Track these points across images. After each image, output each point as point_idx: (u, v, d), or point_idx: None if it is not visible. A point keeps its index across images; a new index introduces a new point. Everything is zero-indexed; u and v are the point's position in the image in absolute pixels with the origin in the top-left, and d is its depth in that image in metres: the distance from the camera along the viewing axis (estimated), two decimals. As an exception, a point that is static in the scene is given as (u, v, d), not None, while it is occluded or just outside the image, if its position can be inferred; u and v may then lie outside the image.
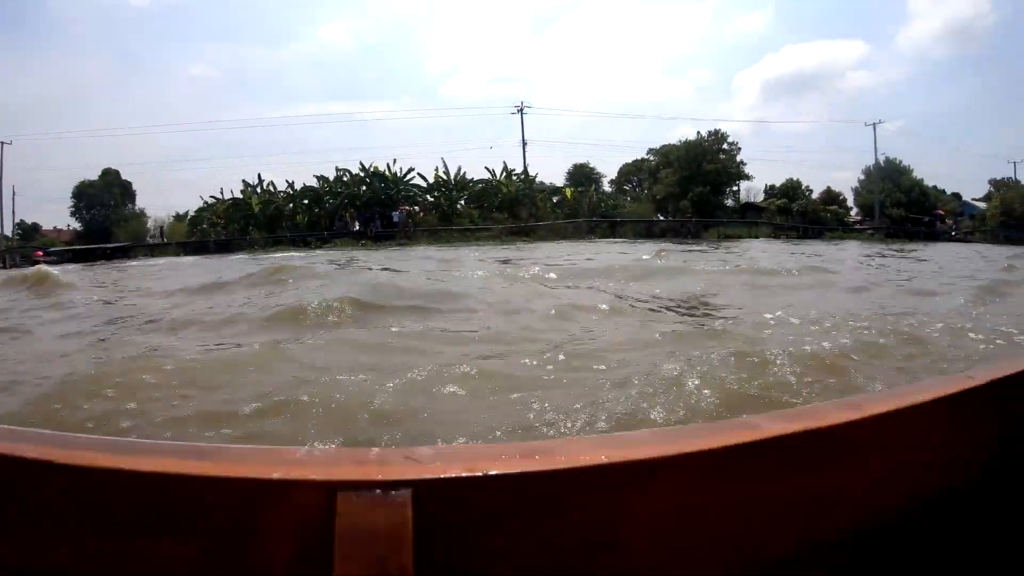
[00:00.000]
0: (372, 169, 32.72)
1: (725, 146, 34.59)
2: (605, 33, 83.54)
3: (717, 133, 34.87)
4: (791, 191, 35.25)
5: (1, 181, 34.18)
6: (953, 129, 69.70)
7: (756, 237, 28.80)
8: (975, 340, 3.96)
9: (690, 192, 32.96)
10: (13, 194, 37.88)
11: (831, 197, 36.28)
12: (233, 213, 32.11)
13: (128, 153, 79.99)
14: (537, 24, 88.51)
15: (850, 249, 19.48)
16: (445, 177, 33.06)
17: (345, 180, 32.84)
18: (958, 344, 3.86)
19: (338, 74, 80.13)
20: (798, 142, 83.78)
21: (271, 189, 32.88)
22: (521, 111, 37.66)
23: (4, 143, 34.17)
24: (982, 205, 38.41)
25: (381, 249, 22.28)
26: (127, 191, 41.70)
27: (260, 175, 33.35)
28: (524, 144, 37.11)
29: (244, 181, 33.10)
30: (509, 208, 31.82)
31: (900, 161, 36.84)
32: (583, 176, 42.83)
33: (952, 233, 32.70)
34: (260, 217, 31.50)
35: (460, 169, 33.42)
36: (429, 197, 32.94)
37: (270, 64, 74.61)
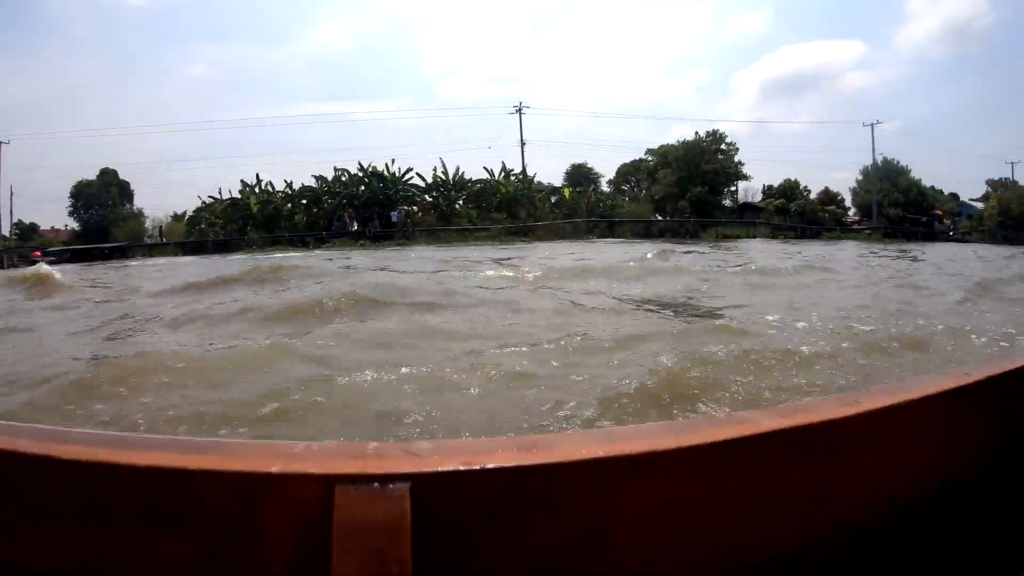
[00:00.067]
0: (371, 169, 32.67)
1: (723, 146, 34.58)
2: (603, 33, 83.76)
3: (715, 133, 34.91)
4: (789, 191, 35.25)
5: (-1, 181, 34.28)
6: (951, 129, 69.93)
7: (754, 237, 28.84)
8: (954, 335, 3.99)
9: (688, 192, 32.98)
10: (11, 194, 37.86)
11: (829, 197, 36.31)
12: (231, 213, 32.04)
13: (126, 153, 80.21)
14: (535, 24, 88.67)
15: (848, 249, 19.51)
16: (444, 177, 33.06)
17: (343, 180, 32.79)
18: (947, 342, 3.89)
19: (336, 74, 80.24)
20: (796, 142, 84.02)
21: (269, 189, 32.81)
22: (520, 111, 37.73)
23: (2, 143, 34.16)
24: (980, 205, 38.45)
25: (380, 249, 22.28)
26: (125, 191, 41.62)
27: (258, 175, 33.35)
28: (522, 144, 37.17)
29: (242, 181, 33.05)
30: (508, 208, 31.83)
31: (898, 161, 36.92)
32: (581, 176, 42.87)
33: (950, 233, 32.76)
34: (258, 217, 31.43)
35: (459, 169, 33.50)
36: (428, 197, 32.91)
37: (268, 64, 74.70)
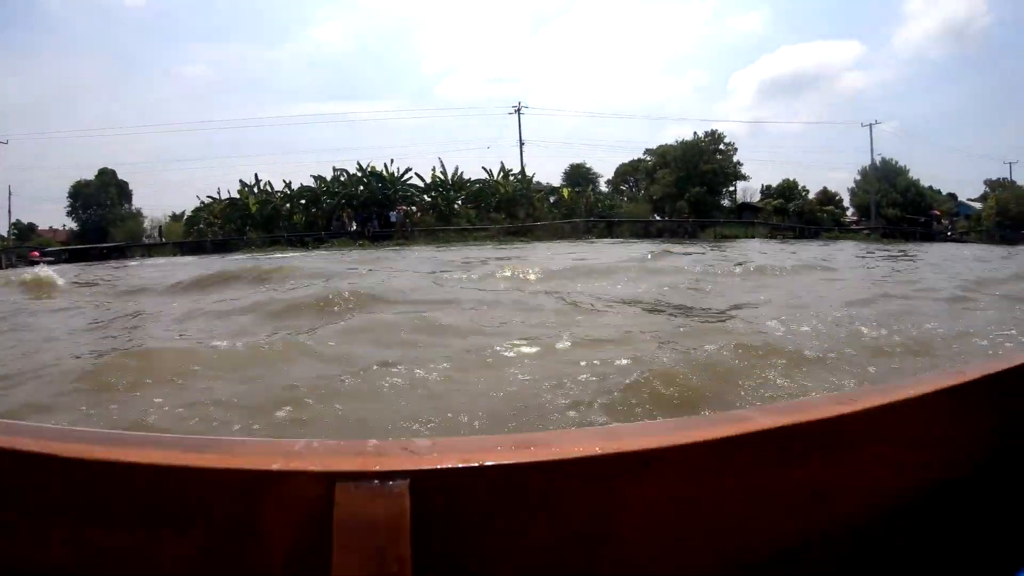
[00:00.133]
0: (369, 169, 32.65)
1: (722, 146, 34.60)
2: (602, 33, 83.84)
3: (714, 133, 34.92)
4: (787, 191, 35.27)
5: (-3, 181, 34.24)
6: (949, 130, 70.20)
7: (752, 237, 28.84)
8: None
9: (687, 192, 32.97)
10: (9, 194, 37.84)
11: (827, 197, 36.34)
12: (230, 213, 31.99)
13: (124, 153, 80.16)
14: (534, 24, 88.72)
15: (847, 249, 19.53)
16: (442, 177, 33.04)
17: (342, 180, 32.75)
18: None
19: (335, 74, 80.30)
20: (795, 142, 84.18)
21: (268, 189, 32.75)
22: (518, 111, 37.72)
23: (0, 142, 34.15)
24: (978, 205, 38.47)
25: (379, 249, 22.25)
26: (123, 191, 41.54)
27: (257, 175, 33.31)
28: (521, 144, 37.17)
29: (241, 181, 32.98)
30: (506, 208, 31.82)
31: (896, 162, 36.95)
32: (579, 176, 42.86)
33: (948, 233, 32.80)
34: (257, 217, 31.37)
35: (457, 169, 33.48)
36: (426, 197, 32.88)
37: (266, 64, 74.73)
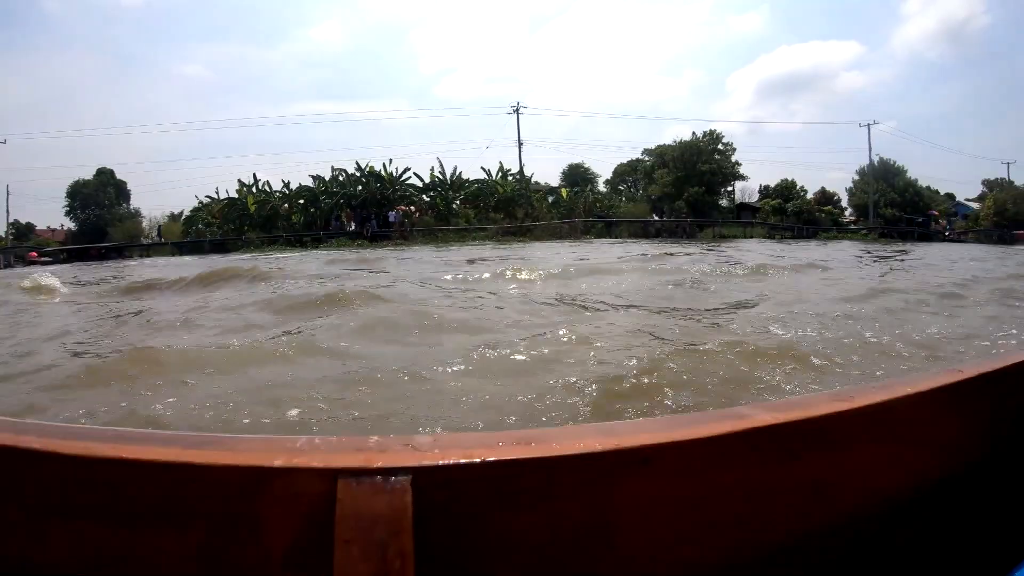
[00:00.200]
0: (368, 169, 32.65)
1: (720, 146, 34.61)
2: (601, 33, 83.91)
3: (712, 133, 34.93)
4: (786, 191, 35.32)
5: (-5, 180, 34.15)
6: (947, 130, 70.47)
7: (751, 237, 28.91)
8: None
9: (685, 192, 33.00)
10: (7, 193, 37.81)
11: (826, 197, 36.40)
12: (229, 213, 31.99)
13: (122, 152, 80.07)
14: (533, 24, 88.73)
15: (846, 249, 19.58)
16: (441, 177, 33.06)
17: (341, 180, 32.76)
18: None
19: (333, 74, 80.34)
20: (793, 142, 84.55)
21: (267, 189, 32.78)
22: (517, 111, 37.72)
23: (-2, 142, 34.08)
24: (975, 205, 38.57)
25: (378, 248, 22.24)
26: (122, 191, 41.54)
27: (256, 175, 33.41)
28: (520, 144, 37.18)
29: (239, 180, 33.02)
30: (505, 208, 31.84)
31: (894, 161, 37.00)
32: (578, 176, 42.91)
33: (946, 233, 32.89)
34: (256, 217, 31.37)
35: (456, 169, 33.55)
36: (425, 197, 32.91)
37: (265, 64, 74.77)
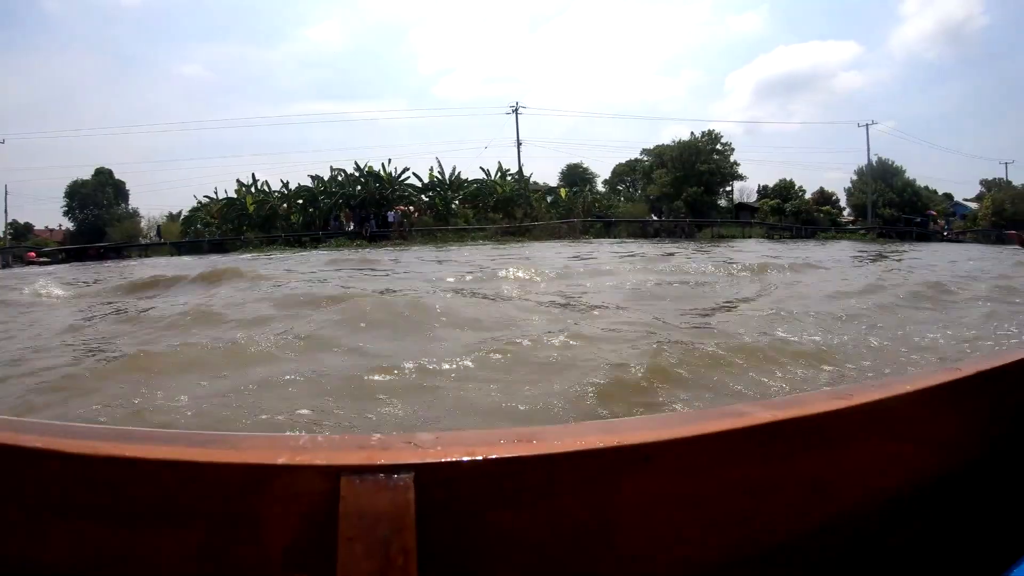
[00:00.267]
0: (367, 169, 32.64)
1: (719, 146, 34.62)
2: (599, 33, 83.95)
3: (711, 133, 34.95)
4: (784, 191, 35.32)
5: (-7, 180, 34.09)
6: (946, 130, 70.56)
7: (749, 237, 28.95)
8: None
9: (684, 192, 33.02)
10: (6, 193, 37.77)
11: (824, 197, 36.42)
12: (228, 213, 31.94)
13: (121, 152, 79.97)
14: (531, 24, 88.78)
15: (845, 249, 19.62)
16: (440, 177, 33.04)
17: (340, 180, 32.74)
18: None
19: (332, 74, 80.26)
20: (791, 142, 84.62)
21: (266, 189, 32.73)
22: (516, 111, 37.68)
23: (-4, 142, 34.01)
24: (973, 205, 38.59)
25: (377, 248, 22.20)
26: (120, 191, 41.45)
27: (254, 175, 33.31)
28: (519, 144, 37.15)
29: (238, 180, 32.99)
30: (504, 208, 31.83)
31: (893, 162, 37.04)
32: (577, 176, 42.91)
33: (944, 233, 32.90)
34: (255, 217, 31.34)
35: (455, 169, 33.54)
36: (424, 197, 32.88)
37: (264, 64, 74.72)
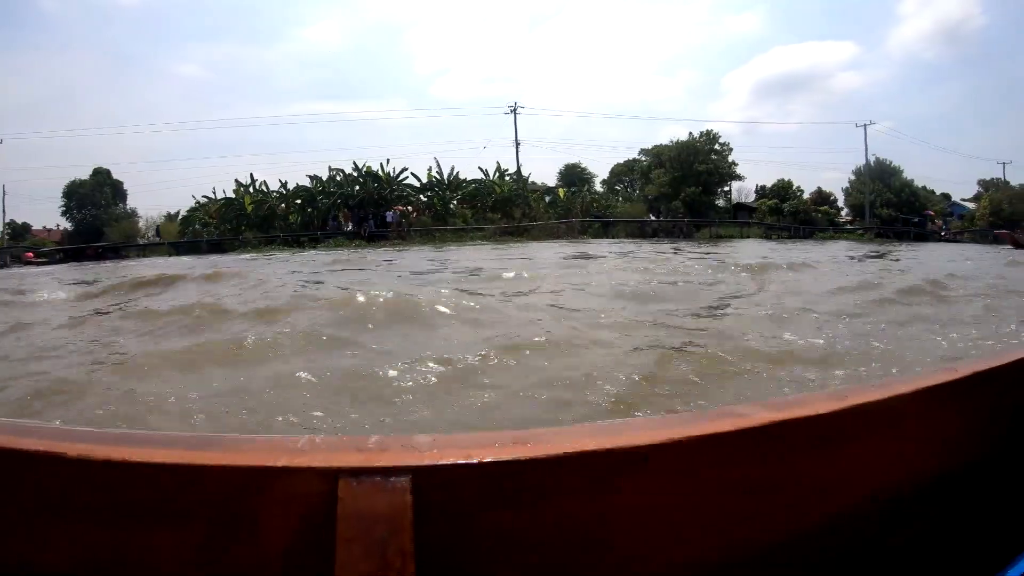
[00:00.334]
0: (365, 169, 32.65)
1: (717, 146, 34.69)
2: (597, 33, 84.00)
3: (709, 134, 35.01)
4: (782, 191, 35.38)
5: (-9, 180, 34.03)
6: (943, 130, 70.67)
7: (747, 237, 29.02)
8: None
9: (682, 192, 33.08)
10: (3, 193, 37.69)
11: (822, 197, 36.49)
12: (226, 213, 31.93)
13: (119, 152, 79.85)
14: (529, 24, 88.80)
15: (843, 249, 19.66)
16: (438, 177, 33.05)
17: (338, 180, 32.74)
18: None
19: (330, 74, 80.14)
20: (789, 143, 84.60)
21: (264, 189, 32.72)
22: (514, 111, 37.72)
23: (-5, 142, 33.95)
24: (971, 205, 38.67)
25: (377, 248, 22.21)
26: (118, 191, 41.33)
27: (253, 175, 33.27)
28: (517, 144, 37.18)
29: (237, 180, 32.99)
30: (502, 208, 31.86)
31: (891, 162, 37.13)
32: (575, 176, 42.91)
33: (942, 233, 33.00)
34: (253, 217, 31.34)
35: (453, 169, 33.55)
36: (422, 197, 32.90)
37: (262, 64, 74.60)
